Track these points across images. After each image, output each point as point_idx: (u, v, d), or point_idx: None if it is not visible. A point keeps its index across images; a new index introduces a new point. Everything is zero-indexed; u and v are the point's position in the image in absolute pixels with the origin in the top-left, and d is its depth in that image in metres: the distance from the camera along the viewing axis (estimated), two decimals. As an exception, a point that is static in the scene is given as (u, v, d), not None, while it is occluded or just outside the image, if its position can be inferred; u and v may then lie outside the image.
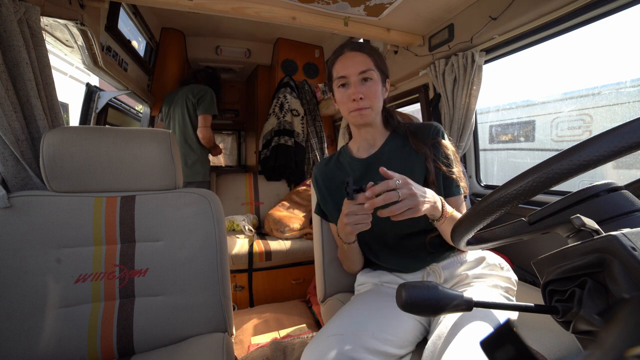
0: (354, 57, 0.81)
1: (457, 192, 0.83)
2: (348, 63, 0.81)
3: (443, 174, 0.82)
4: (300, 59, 2.60)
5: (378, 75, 0.82)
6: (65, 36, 1.23)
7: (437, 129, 0.87)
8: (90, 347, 0.78)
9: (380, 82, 0.83)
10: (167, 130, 0.93)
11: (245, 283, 1.90)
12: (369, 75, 0.80)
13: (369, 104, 0.80)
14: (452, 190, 0.83)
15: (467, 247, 0.57)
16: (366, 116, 0.81)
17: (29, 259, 0.78)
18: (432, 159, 0.82)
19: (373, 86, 0.80)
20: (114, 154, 0.84)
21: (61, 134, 0.80)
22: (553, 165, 0.33)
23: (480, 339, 0.31)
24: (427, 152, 0.83)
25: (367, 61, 0.81)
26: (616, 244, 0.31)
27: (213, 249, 0.90)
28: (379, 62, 0.83)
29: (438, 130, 0.87)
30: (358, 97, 0.79)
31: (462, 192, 0.84)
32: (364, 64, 0.80)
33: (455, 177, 0.83)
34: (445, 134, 0.88)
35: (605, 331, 0.30)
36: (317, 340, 0.68)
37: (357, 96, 0.79)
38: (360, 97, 0.79)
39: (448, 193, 0.83)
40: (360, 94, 0.79)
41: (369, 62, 0.81)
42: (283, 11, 1.28)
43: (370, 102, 0.80)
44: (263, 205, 2.47)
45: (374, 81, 0.81)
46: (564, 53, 1.37)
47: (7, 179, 0.84)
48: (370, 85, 0.80)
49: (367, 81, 0.80)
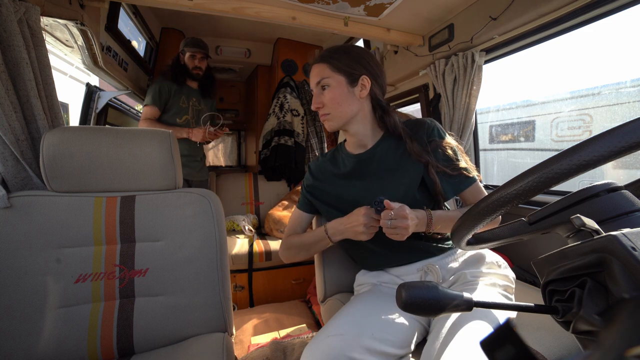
0: (313, 70, 0.86)
1: (469, 183, 0.82)
2: (311, 76, 0.87)
3: (447, 173, 0.80)
4: (300, 59, 2.60)
5: (340, 78, 0.82)
6: (65, 36, 1.23)
7: (431, 128, 0.84)
8: (90, 347, 0.78)
9: (343, 85, 0.82)
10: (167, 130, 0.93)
11: (245, 283, 1.90)
12: (324, 83, 0.83)
13: (327, 111, 0.84)
14: (463, 184, 0.82)
15: (467, 247, 0.57)
16: (329, 123, 0.86)
17: (29, 259, 0.78)
18: (434, 167, 0.80)
19: (329, 93, 0.83)
20: (114, 154, 0.84)
21: (61, 134, 0.80)
22: (553, 165, 0.33)
23: (480, 338, 0.31)
24: (428, 160, 0.80)
25: (322, 69, 0.84)
26: (616, 244, 0.31)
27: (213, 249, 0.90)
28: (341, 65, 0.82)
29: (432, 129, 0.84)
30: (316, 108, 0.85)
31: (475, 180, 0.83)
32: (318, 74, 0.84)
33: (459, 172, 0.81)
34: (440, 129, 0.85)
35: (605, 331, 0.30)
36: (317, 340, 0.69)
37: (315, 107, 0.85)
38: (317, 106, 0.84)
39: (459, 189, 0.82)
40: (317, 103, 0.84)
41: (325, 70, 0.83)
42: (283, 11, 1.28)
43: (329, 109, 0.84)
44: (263, 205, 2.47)
45: (331, 87, 0.83)
46: (563, 53, 1.37)
47: (7, 179, 0.84)
48: (326, 93, 0.83)
49: (324, 89, 0.84)
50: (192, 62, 1.87)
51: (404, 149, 0.84)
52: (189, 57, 1.86)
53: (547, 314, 0.38)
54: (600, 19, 0.99)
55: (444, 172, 0.80)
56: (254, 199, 2.48)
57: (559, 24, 1.06)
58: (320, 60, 0.85)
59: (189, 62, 1.87)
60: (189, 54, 1.85)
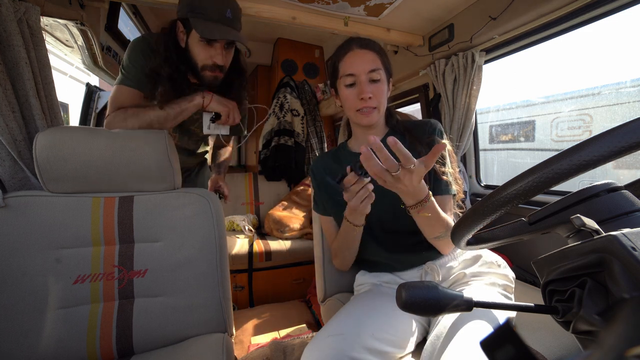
0: (363, 55, 0.79)
1: (445, 192, 0.81)
2: (357, 61, 0.79)
3: (434, 173, 0.81)
4: (300, 59, 2.60)
5: (384, 75, 0.81)
6: (65, 36, 1.23)
7: (434, 127, 0.86)
8: (89, 348, 0.78)
9: (386, 82, 0.82)
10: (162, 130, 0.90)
11: (245, 283, 1.90)
12: (378, 75, 0.79)
13: (376, 104, 0.80)
14: (441, 188, 0.81)
15: (467, 247, 0.57)
16: (372, 117, 0.81)
17: (27, 260, 0.78)
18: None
19: (381, 86, 0.80)
20: (109, 156, 0.82)
21: (53, 135, 0.78)
22: (553, 165, 0.33)
23: (480, 338, 0.31)
24: (422, 151, 0.82)
25: (376, 60, 0.80)
26: (616, 244, 0.31)
27: (213, 249, 0.90)
28: (386, 61, 0.83)
29: (434, 128, 0.85)
30: (367, 97, 0.78)
31: (451, 192, 0.81)
32: (373, 62, 0.79)
33: (445, 178, 0.80)
34: (442, 131, 0.87)
35: (605, 331, 0.30)
36: (318, 340, 0.68)
37: (367, 95, 0.77)
38: (369, 96, 0.78)
39: (436, 191, 0.80)
40: (369, 93, 0.78)
41: (378, 61, 0.80)
42: (283, 11, 1.28)
43: (377, 102, 0.80)
44: (263, 205, 2.47)
45: (381, 81, 0.80)
46: (564, 53, 1.37)
47: (5, 180, 0.84)
48: (378, 86, 0.80)
49: (376, 82, 0.79)
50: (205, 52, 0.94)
51: (407, 145, 0.84)
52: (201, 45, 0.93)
53: (547, 314, 0.38)
54: (600, 19, 0.99)
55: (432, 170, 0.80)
56: (254, 199, 2.48)
57: (559, 24, 1.06)
58: (372, 48, 0.80)
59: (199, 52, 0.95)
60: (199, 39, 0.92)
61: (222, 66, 0.98)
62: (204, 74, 0.97)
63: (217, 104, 1.00)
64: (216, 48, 0.94)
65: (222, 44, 0.94)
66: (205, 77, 0.98)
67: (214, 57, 0.95)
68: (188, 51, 0.96)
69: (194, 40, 0.93)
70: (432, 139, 0.83)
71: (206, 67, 0.96)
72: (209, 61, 0.95)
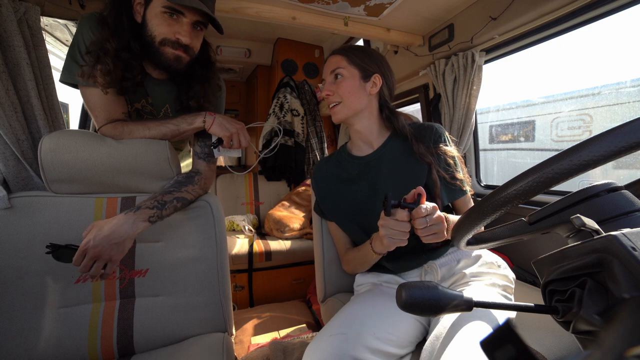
0: (329, 60, 0.88)
1: (463, 194, 0.85)
2: (327, 66, 0.88)
3: (446, 180, 0.83)
4: (300, 59, 2.60)
5: (354, 71, 0.85)
6: (65, 36, 1.24)
7: (439, 134, 0.87)
8: (90, 347, 0.78)
9: (357, 78, 0.85)
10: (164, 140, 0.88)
11: (245, 283, 1.90)
12: (338, 72, 0.85)
13: (338, 99, 0.85)
14: (458, 193, 0.84)
15: (467, 247, 0.57)
16: (338, 112, 0.86)
17: (30, 259, 0.78)
18: (436, 169, 0.82)
19: (342, 82, 0.84)
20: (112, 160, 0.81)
21: (58, 139, 0.78)
22: (553, 165, 0.33)
23: (479, 338, 0.31)
24: (431, 161, 0.83)
25: (339, 60, 0.86)
26: (616, 244, 0.31)
27: (213, 249, 0.90)
28: (357, 59, 0.85)
29: (440, 135, 0.87)
30: (325, 94, 0.86)
31: (467, 192, 0.86)
32: (334, 64, 0.86)
33: (458, 183, 0.83)
34: (447, 138, 0.88)
35: (605, 331, 0.30)
36: (319, 340, 0.69)
37: (325, 93, 0.86)
38: (328, 93, 0.85)
39: (453, 197, 0.84)
40: (328, 90, 0.85)
41: (341, 61, 0.85)
42: (283, 11, 1.28)
43: (340, 97, 0.84)
44: (263, 205, 2.47)
45: (344, 78, 0.84)
46: (564, 53, 1.37)
47: (9, 179, 0.84)
48: (339, 82, 0.84)
49: (337, 78, 0.85)
50: (168, 27, 0.80)
51: (410, 149, 0.86)
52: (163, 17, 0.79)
53: (547, 314, 0.38)
54: (600, 18, 0.99)
55: (443, 178, 0.83)
56: (254, 199, 2.48)
57: (559, 24, 1.06)
58: (338, 52, 0.87)
59: (159, 24, 0.80)
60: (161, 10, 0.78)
61: (187, 46, 0.82)
62: (163, 50, 0.81)
63: (219, 128, 0.87)
64: (182, 24, 0.80)
65: (190, 20, 0.80)
66: (165, 53, 0.81)
67: (177, 33, 0.80)
68: (145, 27, 0.80)
69: (153, 12, 0.79)
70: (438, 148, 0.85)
71: (167, 42, 0.80)
72: (171, 36, 0.80)
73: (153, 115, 0.99)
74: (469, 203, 0.88)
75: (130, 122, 0.88)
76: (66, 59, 0.84)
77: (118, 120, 0.87)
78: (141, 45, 0.82)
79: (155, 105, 0.97)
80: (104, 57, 0.79)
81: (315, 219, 1.07)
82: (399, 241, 0.66)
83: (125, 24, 0.80)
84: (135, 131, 0.86)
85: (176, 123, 0.88)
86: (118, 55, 0.79)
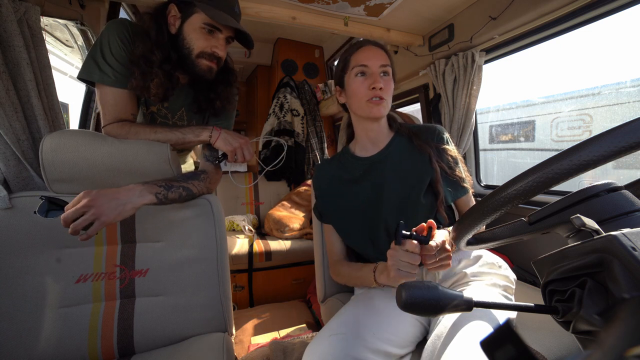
0: (377, 51, 0.84)
1: (464, 192, 0.85)
2: (370, 54, 0.83)
3: (447, 176, 0.84)
4: (300, 59, 2.60)
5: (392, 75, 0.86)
6: (65, 36, 1.24)
7: (441, 135, 0.88)
8: (90, 347, 0.79)
9: (392, 80, 0.86)
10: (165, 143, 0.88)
11: (245, 283, 1.90)
12: (388, 71, 0.84)
13: (386, 96, 0.83)
14: (459, 191, 0.85)
15: (467, 247, 0.57)
16: (382, 107, 0.83)
17: (30, 259, 0.78)
18: (436, 159, 0.84)
19: (389, 82, 0.84)
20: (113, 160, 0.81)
21: (59, 139, 0.78)
22: (553, 165, 0.33)
23: (480, 338, 0.31)
24: (431, 152, 0.84)
25: (387, 59, 0.85)
26: (616, 244, 0.31)
27: (213, 249, 0.90)
28: (393, 64, 0.87)
29: (442, 136, 0.88)
30: (379, 87, 0.80)
31: (468, 190, 0.86)
32: (385, 58, 0.84)
33: (457, 177, 0.84)
34: (448, 138, 0.89)
35: (605, 331, 0.30)
36: (319, 340, 0.69)
37: (379, 85, 0.80)
38: (381, 86, 0.81)
39: (456, 195, 0.85)
40: (381, 83, 0.81)
41: (387, 59, 0.85)
42: (283, 11, 1.28)
43: (387, 95, 0.84)
44: (263, 205, 2.47)
45: (390, 77, 0.85)
46: (564, 53, 1.37)
47: (9, 179, 0.84)
48: (388, 80, 0.84)
49: (386, 75, 0.84)
50: (206, 41, 0.86)
51: (415, 149, 0.87)
52: (201, 32, 0.86)
53: (547, 314, 0.38)
54: (600, 18, 0.99)
55: (443, 170, 0.84)
56: (254, 199, 2.48)
57: (559, 24, 1.06)
58: (382, 48, 0.86)
59: (198, 38, 0.86)
60: (201, 25, 0.85)
61: (220, 58, 0.90)
62: (199, 62, 0.87)
63: (223, 143, 0.90)
64: (218, 39, 0.88)
65: (224, 36, 0.88)
66: (200, 65, 0.87)
67: (214, 47, 0.87)
68: (182, 39, 0.86)
69: (191, 27, 0.85)
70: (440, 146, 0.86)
71: (204, 55, 0.87)
72: (208, 49, 0.87)
73: (167, 119, 1.03)
74: (470, 202, 0.88)
75: (137, 124, 0.90)
76: (86, 58, 0.87)
77: (126, 120, 0.89)
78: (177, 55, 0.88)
79: (170, 109, 1.01)
80: (152, 69, 0.84)
81: (315, 219, 1.07)
82: (406, 274, 0.61)
83: (165, 36, 0.86)
84: (141, 133, 0.87)
85: (183, 132, 0.90)
86: (162, 67, 0.85)
